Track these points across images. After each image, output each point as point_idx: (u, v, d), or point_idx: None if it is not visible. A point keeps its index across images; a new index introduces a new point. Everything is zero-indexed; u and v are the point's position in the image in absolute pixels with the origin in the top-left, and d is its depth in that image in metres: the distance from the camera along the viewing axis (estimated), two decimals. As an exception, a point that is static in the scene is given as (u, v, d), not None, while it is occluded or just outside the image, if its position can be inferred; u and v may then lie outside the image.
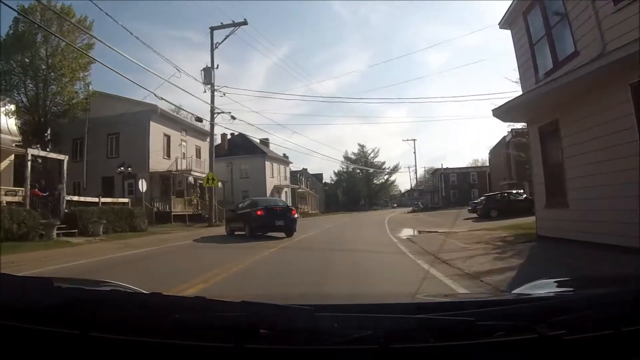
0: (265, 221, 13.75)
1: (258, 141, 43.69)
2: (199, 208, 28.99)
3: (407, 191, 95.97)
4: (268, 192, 40.50)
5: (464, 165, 70.05)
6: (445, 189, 61.27)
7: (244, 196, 31.82)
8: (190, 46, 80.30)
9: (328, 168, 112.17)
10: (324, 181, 79.69)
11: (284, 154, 50.73)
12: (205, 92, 24.35)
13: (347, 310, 1.14)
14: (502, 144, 41.25)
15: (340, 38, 73.73)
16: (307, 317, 0.91)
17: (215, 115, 24.61)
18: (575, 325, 0.87)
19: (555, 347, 0.86)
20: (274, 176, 45.25)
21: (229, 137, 45.90)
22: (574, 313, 0.89)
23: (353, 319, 0.97)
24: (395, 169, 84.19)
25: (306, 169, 68.88)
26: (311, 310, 0.92)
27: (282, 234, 14.01)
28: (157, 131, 27.14)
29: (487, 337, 0.87)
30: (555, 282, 1.54)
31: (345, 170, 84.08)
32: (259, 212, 13.91)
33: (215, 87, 24.38)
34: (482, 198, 27.87)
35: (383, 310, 1.06)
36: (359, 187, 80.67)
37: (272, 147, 47.48)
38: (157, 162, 26.86)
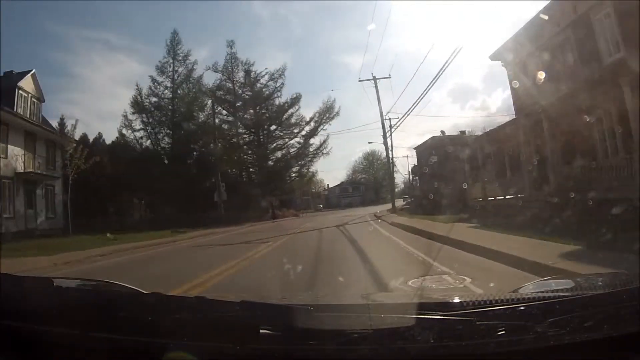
0: None
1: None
2: None
3: (340, 184, 65.45)
4: None
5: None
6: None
7: None
8: (110, 49, 70.33)
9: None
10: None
11: None
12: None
13: (347, 310, 1.14)
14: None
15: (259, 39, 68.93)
16: (307, 317, 0.91)
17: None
18: (575, 325, 0.87)
19: (555, 347, 0.86)
20: None
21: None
22: (573, 313, 0.89)
23: (353, 319, 0.97)
24: (329, 113, 36.91)
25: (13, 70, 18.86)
26: (311, 310, 0.92)
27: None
28: None
29: (487, 337, 0.87)
30: (555, 282, 1.54)
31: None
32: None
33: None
34: None
35: (383, 310, 1.06)
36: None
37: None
38: None
